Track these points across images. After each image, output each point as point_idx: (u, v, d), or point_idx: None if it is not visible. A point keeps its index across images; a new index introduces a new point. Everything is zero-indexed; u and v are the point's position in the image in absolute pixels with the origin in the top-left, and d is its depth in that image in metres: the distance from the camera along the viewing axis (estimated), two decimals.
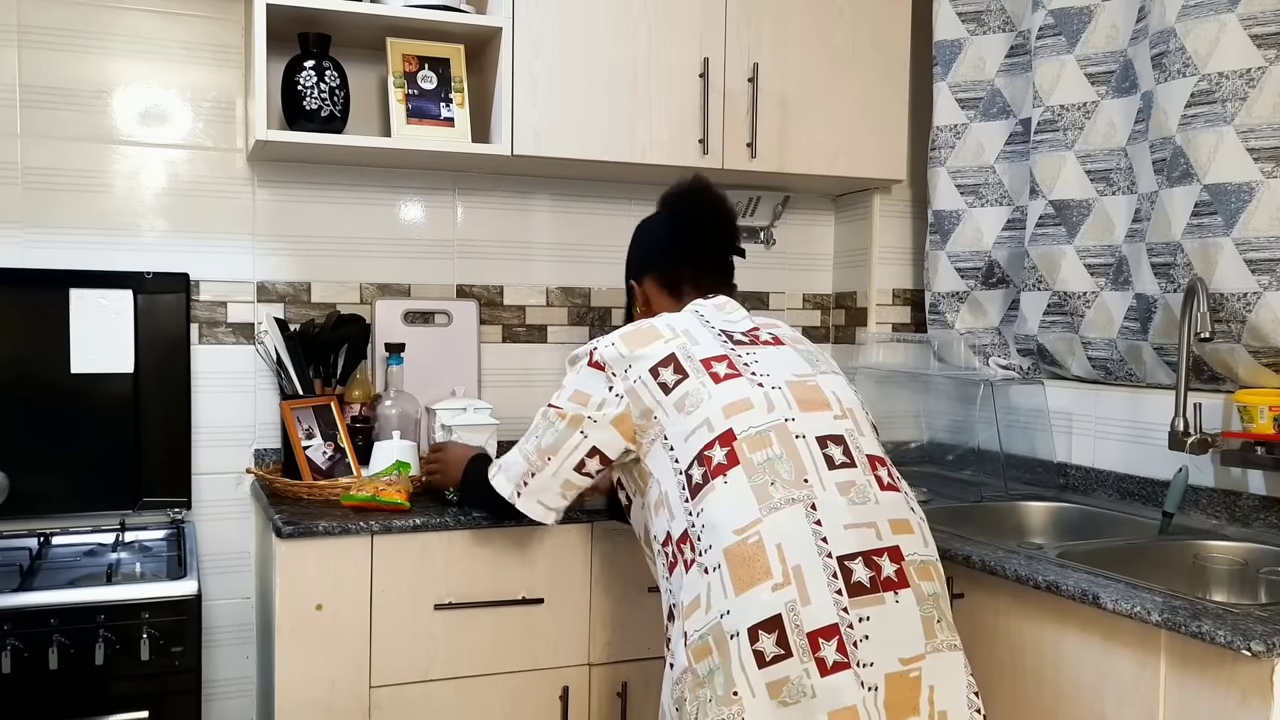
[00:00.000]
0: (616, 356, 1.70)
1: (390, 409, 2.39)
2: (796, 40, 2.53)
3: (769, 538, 1.49)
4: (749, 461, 1.55)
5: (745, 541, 1.49)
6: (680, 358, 1.66)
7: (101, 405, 2.31)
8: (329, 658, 1.97)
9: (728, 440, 1.56)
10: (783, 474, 1.54)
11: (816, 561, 1.48)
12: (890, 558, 1.51)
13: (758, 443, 1.56)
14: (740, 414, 1.59)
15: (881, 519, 1.54)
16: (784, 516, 1.50)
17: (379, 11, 2.26)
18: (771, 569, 1.47)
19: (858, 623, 1.45)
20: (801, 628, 1.44)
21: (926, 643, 1.49)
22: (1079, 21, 2.34)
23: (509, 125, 2.32)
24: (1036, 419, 2.55)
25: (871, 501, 1.55)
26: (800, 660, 1.43)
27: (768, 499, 1.52)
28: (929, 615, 1.50)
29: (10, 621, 1.82)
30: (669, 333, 1.70)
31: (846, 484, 1.55)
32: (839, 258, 2.98)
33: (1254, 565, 1.88)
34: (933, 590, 1.53)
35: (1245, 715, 1.41)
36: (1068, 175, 2.36)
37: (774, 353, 1.70)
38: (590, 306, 2.76)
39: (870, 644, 1.45)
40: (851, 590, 1.47)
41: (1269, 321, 1.94)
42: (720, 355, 1.66)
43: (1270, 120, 1.93)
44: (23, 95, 2.29)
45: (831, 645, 1.43)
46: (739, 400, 1.60)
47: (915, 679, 1.47)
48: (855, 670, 1.43)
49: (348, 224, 2.54)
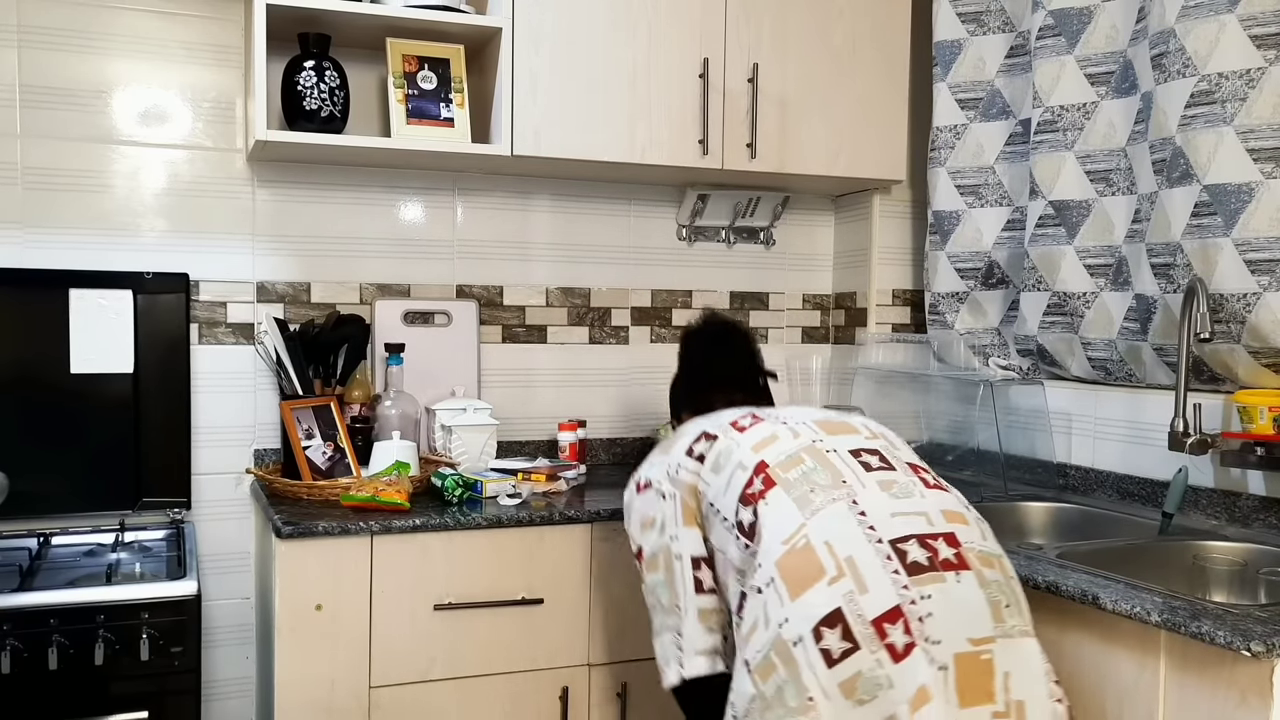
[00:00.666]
0: (655, 467, 1.75)
1: (390, 409, 2.39)
2: (796, 40, 2.53)
3: (816, 537, 1.47)
4: (785, 480, 1.55)
5: (794, 548, 1.48)
6: (709, 428, 1.72)
7: (101, 405, 2.31)
8: (329, 658, 1.97)
9: (761, 470, 1.58)
10: (820, 480, 1.54)
11: (868, 548, 1.45)
12: (946, 542, 1.47)
13: (790, 463, 1.58)
14: (768, 446, 1.62)
15: (931, 509, 1.52)
16: (827, 515, 1.49)
17: (379, 11, 2.26)
18: (824, 565, 1.44)
19: (920, 599, 1.40)
20: (864, 616, 1.39)
21: (995, 625, 1.42)
22: (1079, 22, 2.34)
23: (509, 125, 2.32)
24: (1036, 419, 2.55)
25: (916, 495, 1.54)
26: (870, 650, 1.38)
27: (809, 504, 1.51)
28: (995, 599, 1.44)
29: (10, 621, 1.82)
30: (693, 429, 1.75)
31: (887, 482, 1.55)
32: (839, 258, 2.98)
33: (1254, 566, 1.88)
34: (995, 577, 1.47)
35: (1245, 715, 1.41)
36: (1067, 176, 2.36)
37: (799, 408, 1.75)
38: (590, 306, 2.76)
39: (935, 621, 1.39)
40: (910, 569, 1.42)
41: (1269, 322, 1.94)
42: (745, 414, 1.72)
43: (1270, 121, 1.93)
44: (23, 95, 2.29)
45: (898, 628, 1.38)
46: (765, 438, 1.64)
47: (987, 662, 1.40)
48: (923, 647, 1.38)
49: (347, 224, 2.54)
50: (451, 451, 2.40)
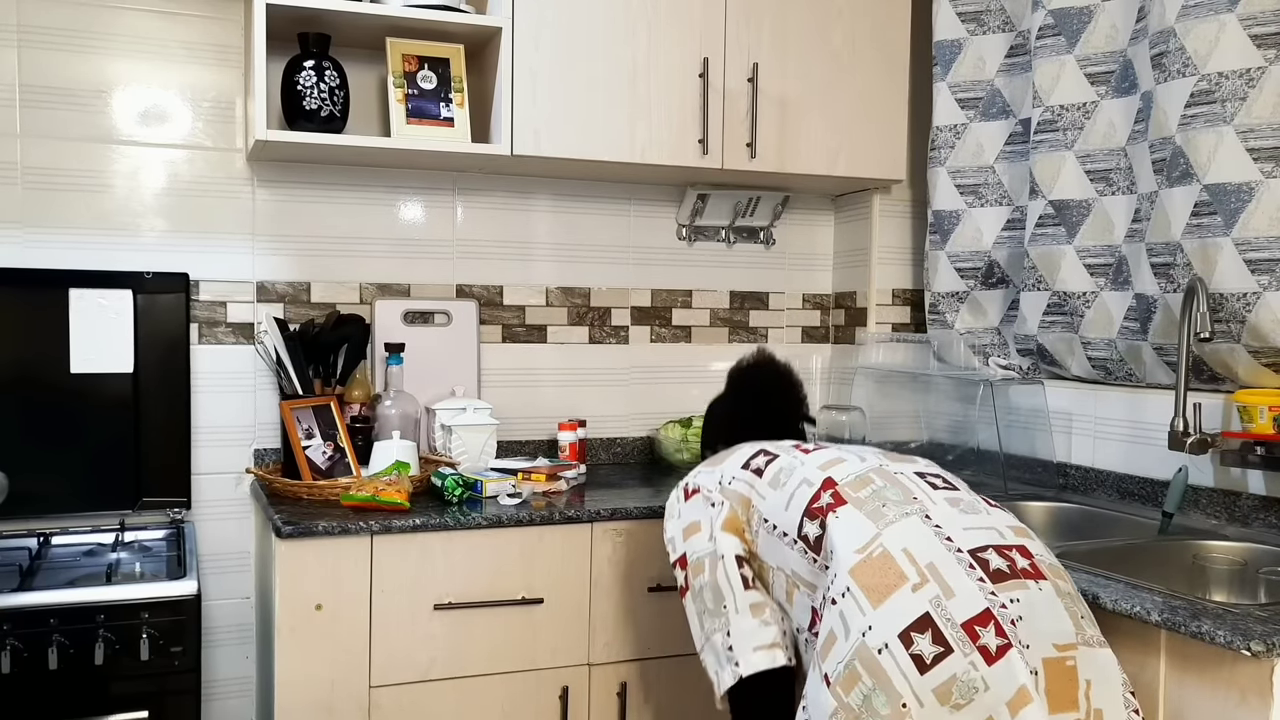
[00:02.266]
0: (706, 480, 1.76)
1: (390, 409, 2.39)
2: (796, 40, 2.53)
3: (893, 545, 1.46)
4: (855, 498, 1.56)
5: (870, 556, 1.46)
6: (769, 446, 1.75)
7: (101, 405, 2.31)
8: (329, 658, 1.97)
9: (829, 486, 1.59)
10: (890, 497, 1.54)
11: (949, 557, 1.44)
12: (1020, 554, 1.47)
13: (860, 483, 1.58)
14: (836, 466, 1.63)
15: (1000, 525, 1.52)
16: (902, 526, 1.49)
17: (379, 11, 2.26)
18: (905, 572, 1.42)
19: (1009, 604, 1.39)
20: (954, 620, 1.37)
21: (1077, 634, 1.41)
22: (1079, 21, 2.34)
23: (509, 125, 2.32)
24: (1036, 419, 2.55)
25: (983, 513, 1.54)
26: (963, 653, 1.35)
27: (882, 517, 1.51)
28: (1073, 610, 1.44)
29: (10, 621, 1.82)
30: (747, 449, 1.78)
31: (954, 499, 1.56)
32: (839, 258, 2.98)
33: (1254, 565, 1.88)
34: (1069, 589, 1.48)
35: (1245, 715, 1.41)
36: (1067, 175, 2.36)
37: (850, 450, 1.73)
38: (590, 306, 2.76)
39: (1025, 625, 1.38)
40: (993, 577, 1.42)
41: (1269, 321, 1.94)
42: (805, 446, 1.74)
43: (1270, 120, 1.93)
44: (23, 95, 2.29)
45: (989, 631, 1.36)
46: (832, 459, 1.65)
47: (1072, 669, 1.39)
48: (1018, 649, 1.36)
49: (348, 224, 2.54)
50: (451, 451, 2.40)
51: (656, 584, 2.16)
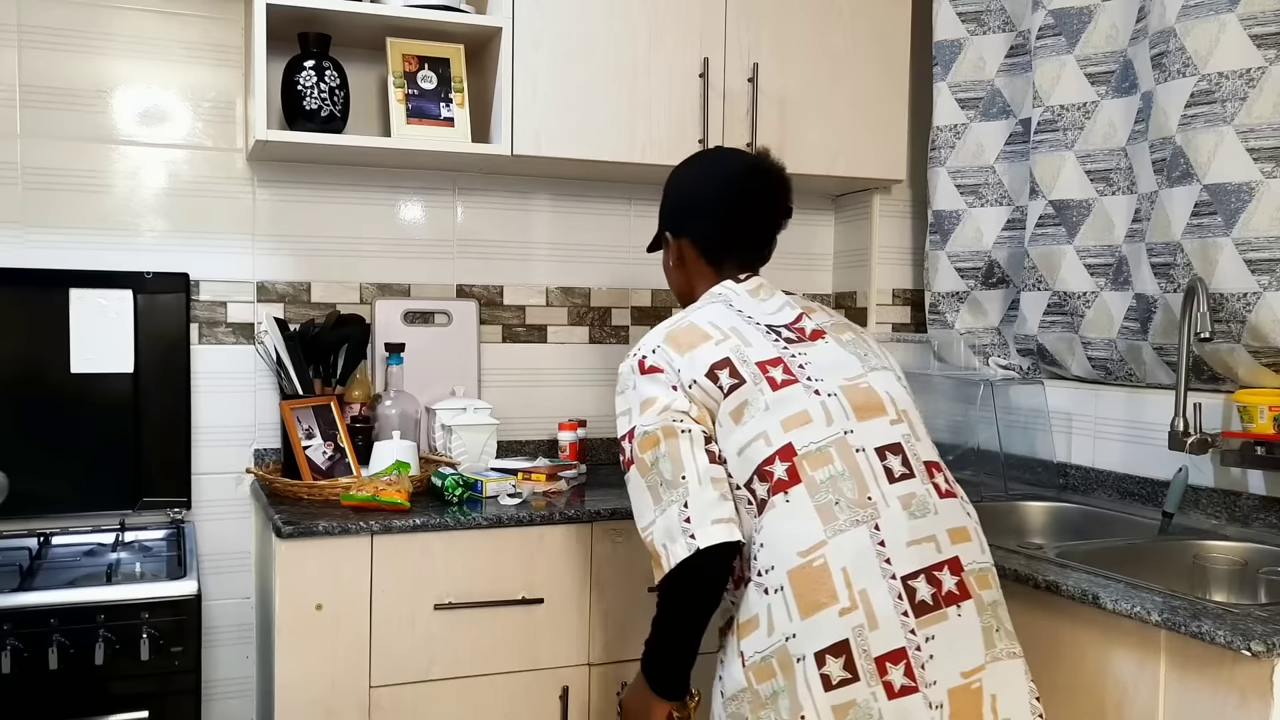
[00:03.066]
0: (665, 361, 1.61)
1: (390, 409, 2.39)
2: (796, 40, 2.53)
3: (834, 561, 1.46)
4: (811, 479, 1.50)
5: (810, 564, 1.46)
6: (735, 361, 1.58)
7: (101, 405, 2.31)
8: (329, 658, 1.97)
9: (788, 455, 1.52)
10: (846, 493, 1.50)
11: (882, 585, 1.45)
12: (950, 570, 1.49)
13: (819, 459, 1.52)
14: (799, 428, 1.53)
15: (940, 530, 1.52)
16: (849, 539, 1.47)
17: (379, 11, 2.26)
18: (838, 593, 1.44)
19: (924, 643, 1.44)
20: (869, 653, 1.42)
21: (986, 653, 1.47)
22: (1079, 21, 2.34)
23: (509, 125, 2.32)
24: (1036, 419, 2.55)
25: (931, 513, 1.53)
26: (868, 684, 1.41)
27: (832, 520, 1.48)
28: (989, 625, 1.49)
29: (10, 621, 1.82)
30: (716, 332, 1.62)
31: (908, 496, 1.52)
32: (839, 258, 2.98)
33: (1254, 565, 1.88)
34: (992, 599, 1.51)
35: (1245, 715, 1.41)
36: (1067, 175, 2.36)
37: (823, 350, 1.63)
38: (590, 306, 2.76)
39: (935, 663, 1.44)
40: (917, 610, 1.45)
41: (1269, 321, 1.94)
42: (775, 358, 1.59)
43: (1270, 120, 1.93)
44: (23, 95, 2.29)
45: (899, 669, 1.42)
46: (798, 413, 1.54)
47: (977, 690, 1.45)
48: (923, 694, 1.42)
49: (348, 224, 2.54)
50: (451, 451, 2.40)
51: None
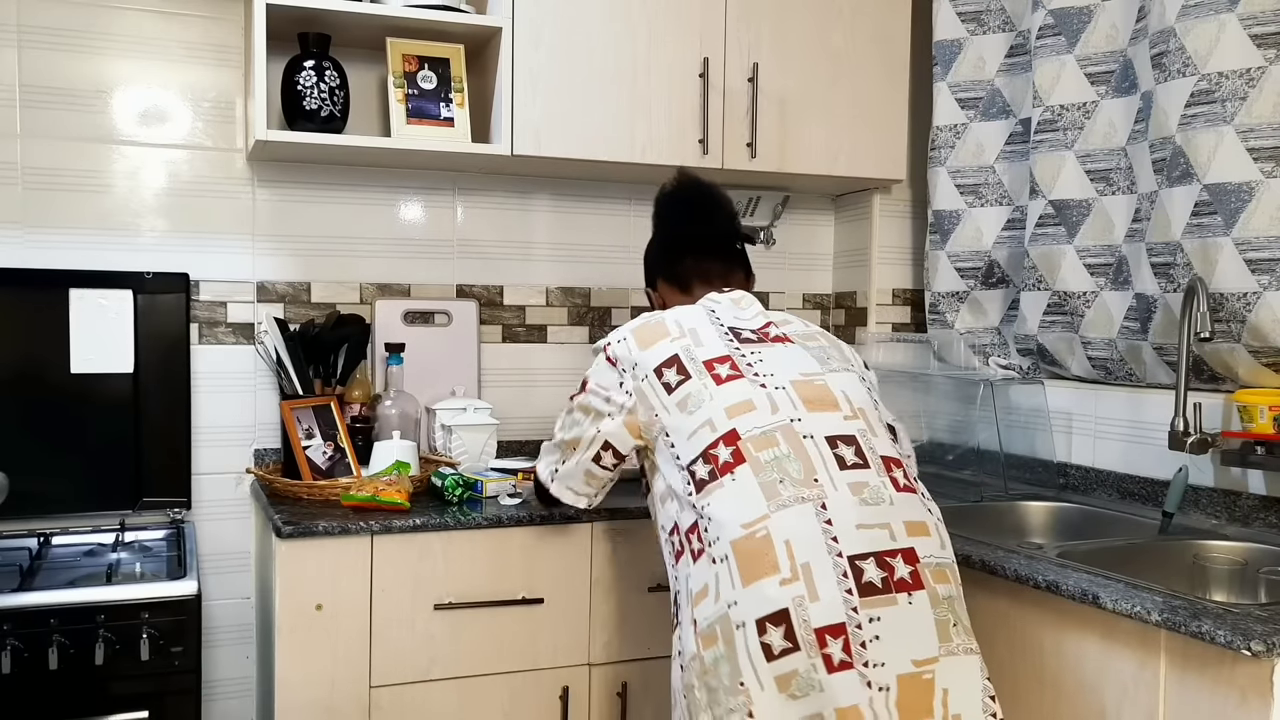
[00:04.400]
0: (626, 354, 1.72)
1: (390, 409, 2.39)
2: (796, 40, 2.53)
3: (777, 534, 1.47)
4: (755, 460, 1.53)
5: (754, 535, 1.48)
6: (683, 359, 1.66)
7: (101, 405, 2.31)
8: (329, 658, 1.97)
9: (732, 440, 1.55)
10: (791, 473, 1.52)
11: (826, 560, 1.46)
12: (904, 559, 1.49)
13: (763, 442, 1.55)
14: (743, 415, 1.57)
15: (896, 520, 1.51)
16: (793, 514, 1.49)
17: (379, 11, 2.26)
18: (779, 564, 1.46)
19: (868, 623, 1.43)
20: (809, 623, 1.43)
21: (940, 645, 1.46)
22: (1079, 21, 2.34)
23: (509, 125, 2.32)
24: (1036, 419, 2.55)
25: (885, 502, 1.52)
26: (808, 655, 1.42)
27: (776, 496, 1.50)
28: (944, 618, 1.48)
29: (10, 621, 1.82)
30: (675, 330, 1.70)
31: (859, 484, 1.53)
32: (839, 258, 2.98)
33: (1254, 565, 1.88)
34: (948, 593, 1.51)
35: (1245, 715, 1.41)
36: (1067, 175, 2.36)
37: (781, 351, 1.68)
38: (590, 306, 2.76)
39: (881, 644, 1.43)
40: (863, 590, 1.45)
41: (1269, 321, 1.94)
42: (723, 356, 1.65)
43: (1270, 120, 1.93)
44: (23, 95, 2.29)
45: (838, 644, 1.42)
46: (741, 402, 1.59)
47: (929, 681, 1.45)
48: (859, 671, 1.42)
49: (348, 224, 2.54)
50: (451, 451, 2.40)
51: (656, 584, 2.16)
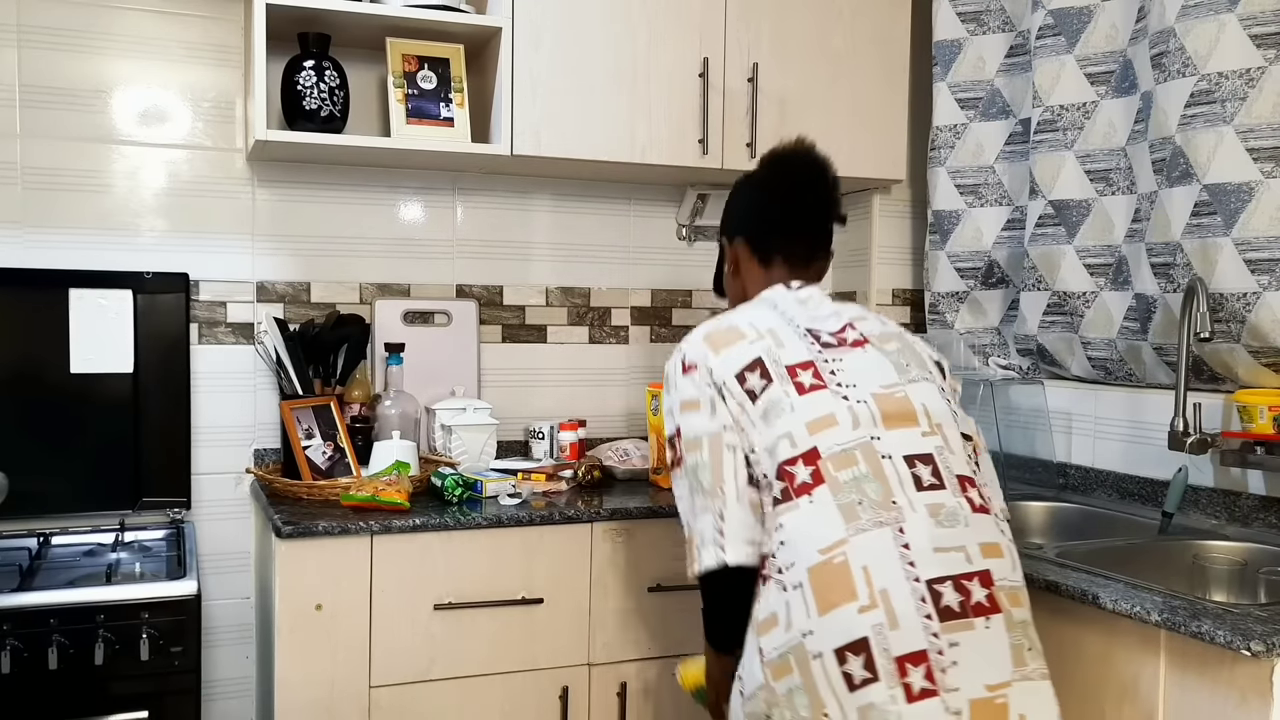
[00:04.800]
0: (702, 358, 1.62)
1: (390, 409, 2.39)
2: (796, 40, 2.53)
3: (855, 559, 1.44)
4: (834, 480, 1.49)
5: (831, 561, 1.44)
6: (767, 362, 1.59)
7: (101, 405, 2.31)
8: (329, 658, 1.97)
9: (812, 459, 1.51)
10: (870, 494, 1.48)
11: (905, 586, 1.42)
12: (980, 582, 1.45)
13: (843, 461, 1.50)
14: (824, 430, 1.52)
15: (971, 542, 1.48)
16: (871, 538, 1.45)
17: (379, 11, 2.26)
18: (858, 591, 1.42)
19: (948, 648, 1.40)
20: (890, 652, 1.39)
21: (1015, 670, 1.43)
22: (1079, 21, 2.34)
23: (509, 125, 2.32)
24: (1036, 419, 2.55)
25: (961, 524, 1.49)
26: (888, 686, 1.38)
27: (855, 519, 1.46)
28: (1019, 643, 1.45)
29: (10, 621, 1.82)
30: (753, 333, 1.63)
31: (936, 506, 1.49)
32: (839, 258, 2.98)
33: (1254, 565, 1.88)
34: (1023, 617, 1.48)
35: (1245, 715, 1.41)
36: (1067, 175, 2.36)
37: (860, 358, 1.61)
38: (590, 306, 2.76)
39: (958, 669, 1.40)
40: (942, 615, 1.41)
41: (1268, 321, 1.94)
42: (806, 362, 1.59)
43: (1270, 120, 1.93)
44: (23, 95, 2.29)
45: (919, 672, 1.39)
46: (823, 416, 1.53)
47: (1002, 706, 1.41)
48: (942, 698, 1.39)
49: (348, 224, 2.54)
50: (451, 451, 2.40)
51: (656, 584, 2.16)
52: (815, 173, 1.79)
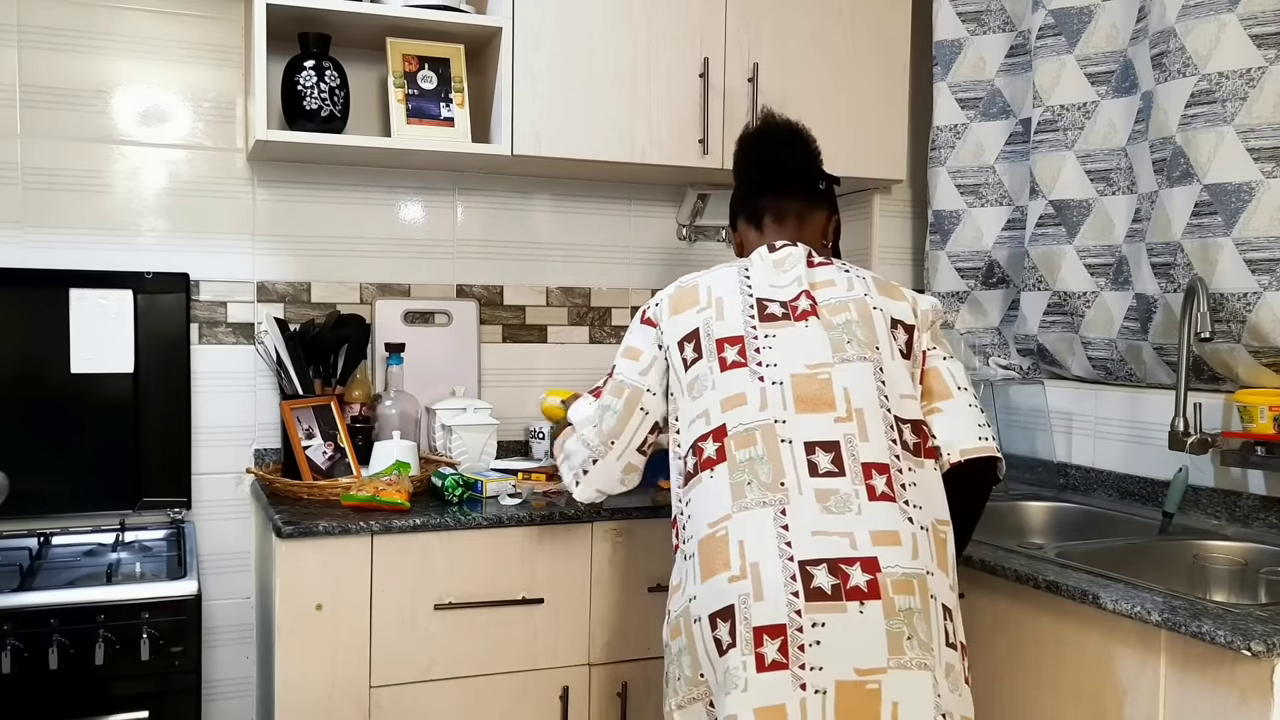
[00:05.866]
0: (661, 315, 1.73)
1: (390, 409, 2.39)
2: (796, 40, 2.53)
3: (734, 533, 1.51)
4: (733, 458, 1.56)
5: (715, 534, 1.53)
6: (702, 334, 1.67)
7: (101, 405, 2.31)
8: (329, 658, 1.97)
9: (720, 435, 1.58)
10: (760, 475, 1.53)
11: (776, 563, 1.47)
12: (863, 568, 1.46)
13: (744, 440, 1.56)
14: (734, 409, 1.59)
15: (860, 529, 1.49)
16: (751, 517, 1.51)
17: (379, 11, 2.26)
18: (730, 561, 1.49)
19: (810, 627, 1.43)
20: (750, 621, 1.45)
21: (890, 658, 1.43)
22: (1079, 21, 2.34)
23: (509, 125, 2.32)
24: (1036, 419, 2.55)
25: (852, 511, 1.50)
26: (741, 653, 1.44)
27: (741, 497, 1.53)
28: (897, 630, 1.44)
29: (10, 621, 1.82)
30: (704, 298, 1.70)
31: (826, 491, 1.51)
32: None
33: (1254, 565, 1.88)
34: (908, 605, 1.45)
35: (1245, 715, 1.41)
36: (1068, 175, 2.36)
37: (798, 333, 1.63)
38: (590, 306, 2.76)
39: (822, 649, 1.42)
40: (810, 594, 1.44)
41: (1269, 321, 1.94)
42: (736, 337, 1.64)
43: (1270, 120, 1.93)
44: (23, 95, 2.29)
45: (775, 645, 1.43)
46: (736, 395, 1.60)
47: (873, 691, 1.42)
48: (793, 672, 1.42)
49: (348, 224, 2.54)
50: (451, 451, 2.40)
51: (656, 584, 2.16)
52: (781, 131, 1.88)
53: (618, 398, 1.74)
